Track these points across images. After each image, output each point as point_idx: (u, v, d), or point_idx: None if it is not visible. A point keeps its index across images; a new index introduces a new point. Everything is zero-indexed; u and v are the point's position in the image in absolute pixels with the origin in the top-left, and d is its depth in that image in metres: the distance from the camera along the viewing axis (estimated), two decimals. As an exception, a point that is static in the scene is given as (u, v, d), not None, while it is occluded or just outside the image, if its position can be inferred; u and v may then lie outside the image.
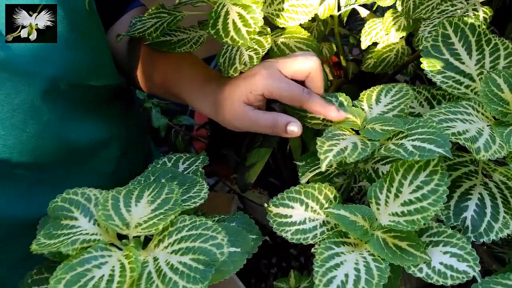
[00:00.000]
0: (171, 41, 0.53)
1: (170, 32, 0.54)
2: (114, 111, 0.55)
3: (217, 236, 0.35)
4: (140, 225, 0.37)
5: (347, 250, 0.37)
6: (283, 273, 0.97)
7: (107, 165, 0.53)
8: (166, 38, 0.54)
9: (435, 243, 0.37)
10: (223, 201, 0.69)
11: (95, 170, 0.52)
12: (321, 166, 0.39)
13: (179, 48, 0.53)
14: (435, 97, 0.54)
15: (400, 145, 0.39)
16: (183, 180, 0.43)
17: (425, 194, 0.36)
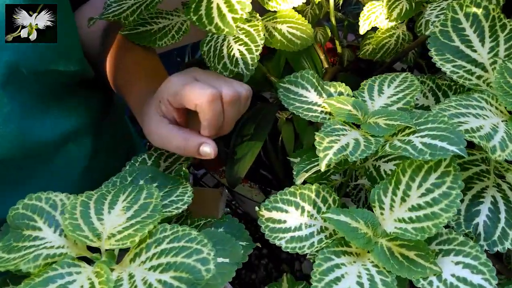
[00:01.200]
0: (151, 31, 0.48)
1: (151, 20, 0.49)
2: (85, 101, 0.49)
3: (203, 249, 0.31)
4: (114, 236, 0.33)
5: (348, 261, 0.33)
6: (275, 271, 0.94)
7: (79, 162, 0.48)
8: (146, 27, 0.48)
9: (446, 252, 0.33)
10: (211, 196, 0.64)
11: (65, 169, 0.47)
12: (321, 165, 0.34)
13: (159, 41, 0.48)
14: (440, 87, 0.50)
15: (407, 142, 0.35)
16: (164, 182, 0.39)
17: (436, 199, 0.32)
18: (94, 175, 0.41)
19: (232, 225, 0.41)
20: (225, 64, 0.44)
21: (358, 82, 0.46)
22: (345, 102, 0.40)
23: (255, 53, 0.44)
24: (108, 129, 0.53)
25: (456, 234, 0.34)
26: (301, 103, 0.42)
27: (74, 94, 0.47)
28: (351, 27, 0.83)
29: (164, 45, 0.49)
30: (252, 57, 0.44)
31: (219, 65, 0.45)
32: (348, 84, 0.45)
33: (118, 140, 0.57)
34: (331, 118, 0.41)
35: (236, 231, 0.41)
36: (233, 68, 0.44)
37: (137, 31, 0.48)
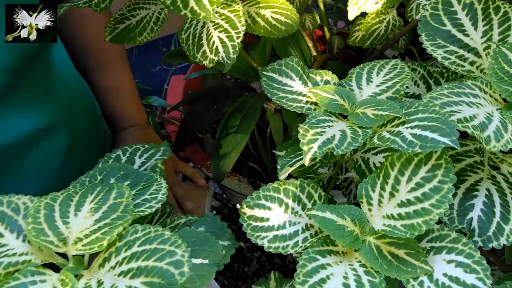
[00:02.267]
0: (130, 27, 0.46)
1: (128, 14, 0.46)
2: (55, 95, 0.46)
3: (176, 251, 0.29)
4: (80, 241, 0.30)
5: (334, 261, 0.31)
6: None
7: (54, 159, 0.45)
8: (125, 23, 0.46)
9: (437, 250, 0.31)
10: (197, 192, 0.62)
11: (39, 168, 0.44)
12: (305, 159, 0.32)
13: (139, 37, 0.46)
14: (431, 75, 0.48)
15: (396, 133, 0.33)
16: (137, 179, 0.36)
17: (426, 193, 0.30)
18: (72, 170, 0.39)
19: (214, 224, 0.39)
20: (204, 53, 0.42)
21: (348, 70, 0.43)
22: (332, 91, 0.38)
23: (236, 40, 0.41)
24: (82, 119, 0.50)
25: (448, 230, 0.32)
26: (285, 93, 0.40)
27: (44, 84, 0.44)
28: (341, 13, 0.80)
29: (144, 40, 0.47)
30: (233, 45, 0.41)
31: (198, 54, 0.42)
32: (338, 73, 0.43)
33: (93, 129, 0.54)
34: (316, 109, 0.39)
35: (218, 230, 0.38)
36: (213, 57, 0.41)
37: (117, 31, 0.46)
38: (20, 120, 0.41)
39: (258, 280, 1.00)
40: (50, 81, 0.47)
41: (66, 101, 0.47)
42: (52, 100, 0.44)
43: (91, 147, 0.52)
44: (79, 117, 0.50)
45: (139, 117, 0.58)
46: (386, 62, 0.42)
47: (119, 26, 0.46)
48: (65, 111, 0.47)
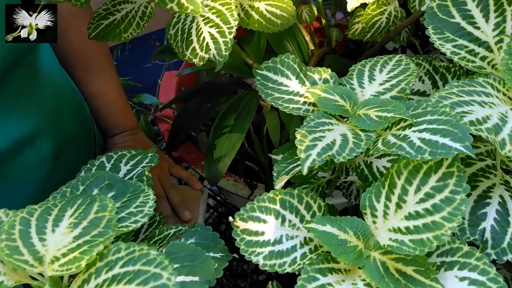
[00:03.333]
0: (114, 23, 0.42)
1: (113, 9, 0.43)
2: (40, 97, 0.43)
3: (162, 273, 0.26)
4: (58, 260, 0.27)
5: (336, 280, 0.28)
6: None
7: (40, 167, 0.42)
8: (109, 18, 0.43)
9: (449, 265, 0.29)
10: (190, 195, 0.59)
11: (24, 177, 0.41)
12: (302, 169, 0.29)
13: (124, 33, 0.43)
14: (437, 70, 0.45)
15: (403, 137, 0.30)
16: (122, 190, 0.33)
17: (437, 205, 0.28)
18: (61, 177, 0.36)
19: (206, 235, 0.36)
20: (194, 50, 0.39)
21: (347, 65, 0.40)
22: (331, 91, 0.35)
23: (228, 36, 0.38)
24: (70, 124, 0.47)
25: (460, 243, 0.29)
26: (281, 93, 0.37)
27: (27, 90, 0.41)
28: (339, 4, 0.77)
29: (130, 37, 0.43)
30: (225, 41, 0.38)
31: (187, 51, 0.39)
32: (336, 67, 0.40)
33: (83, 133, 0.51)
34: (315, 110, 0.36)
35: (210, 241, 0.36)
36: (204, 54, 0.38)
37: (101, 27, 0.43)
38: (9, 124, 0.38)
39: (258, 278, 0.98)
40: (36, 85, 0.43)
41: (53, 105, 0.44)
42: (38, 105, 0.41)
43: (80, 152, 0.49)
44: (67, 122, 0.47)
45: (128, 122, 0.55)
46: (389, 58, 0.39)
47: (103, 22, 0.43)
48: (51, 116, 0.44)
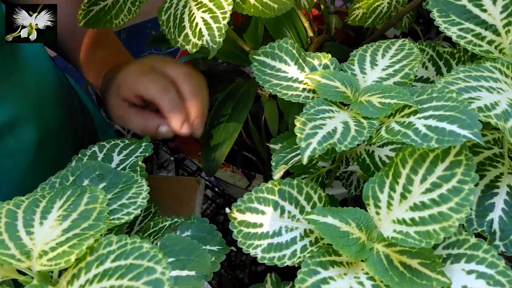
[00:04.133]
0: (105, 9, 0.41)
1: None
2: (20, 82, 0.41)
3: (155, 267, 0.25)
4: (46, 254, 0.26)
5: (337, 273, 0.27)
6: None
7: (21, 157, 0.41)
8: (100, 4, 0.41)
9: (455, 258, 0.27)
10: (187, 186, 0.58)
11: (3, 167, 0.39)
12: (302, 158, 0.28)
13: (116, 19, 0.41)
14: (441, 56, 0.44)
15: (408, 125, 0.29)
16: (115, 180, 0.32)
17: (444, 195, 0.26)
18: (44, 168, 0.35)
19: (202, 227, 0.35)
20: (186, 36, 0.37)
21: (347, 52, 0.39)
22: (332, 77, 0.34)
23: (222, 21, 0.36)
24: (57, 112, 0.46)
25: (467, 234, 0.28)
26: (279, 79, 0.35)
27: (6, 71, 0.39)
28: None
29: (121, 23, 0.42)
30: (219, 27, 0.36)
31: (179, 38, 0.37)
32: (336, 55, 0.38)
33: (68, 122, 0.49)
34: (315, 97, 0.34)
35: (207, 233, 0.35)
36: (197, 41, 0.36)
37: (92, 13, 0.41)
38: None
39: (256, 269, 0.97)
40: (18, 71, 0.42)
41: (36, 93, 0.42)
42: (19, 91, 0.40)
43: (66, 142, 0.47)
44: (51, 111, 0.45)
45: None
46: (392, 42, 0.37)
47: (93, 8, 0.41)
48: (34, 104, 0.42)
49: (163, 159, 1.17)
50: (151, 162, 1.16)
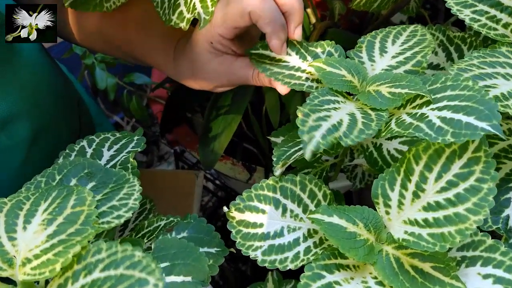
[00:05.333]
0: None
1: None
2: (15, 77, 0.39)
3: (148, 279, 0.23)
4: (29, 262, 0.24)
5: (344, 278, 0.25)
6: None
7: (13, 154, 0.39)
8: None
9: (471, 261, 0.25)
10: (186, 180, 0.56)
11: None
12: (305, 153, 0.26)
13: (106, 3, 0.38)
14: (452, 41, 0.41)
15: (420, 117, 0.26)
16: (104, 179, 0.30)
17: (461, 195, 0.24)
18: (38, 165, 0.32)
19: (199, 227, 0.33)
20: (181, 14, 0.35)
21: (351, 39, 0.36)
22: (337, 65, 0.31)
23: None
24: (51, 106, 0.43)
25: (482, 235, 0.26)
26: (281, 68, 0.33)
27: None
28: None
29: (113, 6, 0.39)
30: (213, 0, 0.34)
31: (173, 16, 0.35)
32: (340, 42, 0.36)
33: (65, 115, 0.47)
34: (319, 87, 0.32)
35: (204, 234, 0.33)
36: (189, 16, 0.34)
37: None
38: None
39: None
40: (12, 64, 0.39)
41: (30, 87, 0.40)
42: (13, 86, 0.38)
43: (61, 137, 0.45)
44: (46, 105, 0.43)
45: None
46: (403, 28, 0.35)
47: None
48: (28, 97, 0.40)
49: (164, 151, 1.15)
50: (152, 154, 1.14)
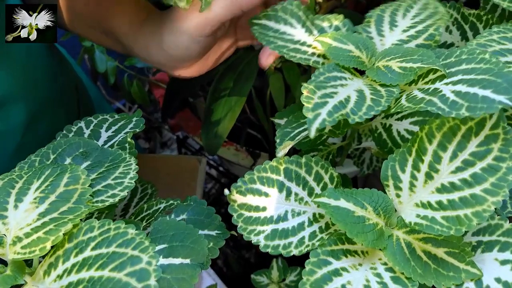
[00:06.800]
0: None
1: None
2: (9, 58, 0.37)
3: (141, 256, 0.22)
4: (20, 241, 0.23)
5: (351, 264, 0.23)
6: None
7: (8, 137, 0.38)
8: None
9: (487, 246, 0.24)
10: (188, 165, 0.55)
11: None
12: (310, 131, 0.24)
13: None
14: (467, 19, 0.39)
15: (433, 91, 0.25)
16: (100, 158, 0.29)
17: (477, 175, 0.22)
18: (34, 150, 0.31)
19: (199, 210, 0.31)
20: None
21: (359, 20, 0.35)
22: (344, 40, 0.29)
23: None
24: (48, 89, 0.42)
25: (499, 219, 0.24)
26: (285, 41, 0.31)
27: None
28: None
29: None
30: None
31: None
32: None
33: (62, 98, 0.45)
34: (325, 63, 0.30)
35: (204, 217, 0.31)
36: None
37: None
38: None
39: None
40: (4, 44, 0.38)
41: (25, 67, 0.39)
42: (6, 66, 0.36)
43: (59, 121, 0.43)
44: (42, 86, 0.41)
45: None
46: (414, 1, 0.33)
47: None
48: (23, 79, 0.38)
49: (166, 137, 1.14)
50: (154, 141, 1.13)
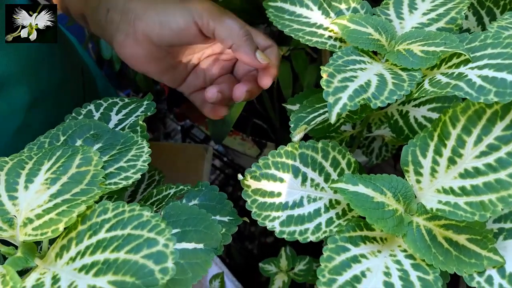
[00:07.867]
0: None
1: None
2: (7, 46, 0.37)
3: (157, 238, 0.21)
4: (31, 222, 0.23)
5: (370, 251, 0.23)
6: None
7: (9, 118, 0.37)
8: None
9: (509, 233, 0.23)
10: (194, 154, 0.54)
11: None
12: (330, 115, 0.23)
13: None
14: (483, 4, 0.38)
15: (458, 76, 0.24)
16: (111, 141, 0.28)
17: (503, 160, 0.22)
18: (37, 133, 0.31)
19: (211, 195, 0.31)
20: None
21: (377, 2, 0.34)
22: (363, 22, 0.28)
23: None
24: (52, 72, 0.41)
25: (522, 206, 0.24)
26: (301, 24, 0.30)
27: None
28: None
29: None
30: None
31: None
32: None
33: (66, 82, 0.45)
34: (342, 46, 0.29)
35: (216, 202, 0.31)
36: None
37: None
38: None
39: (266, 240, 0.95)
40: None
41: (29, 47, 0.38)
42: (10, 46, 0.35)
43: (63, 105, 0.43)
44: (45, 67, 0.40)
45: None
46: (434, -15, 0.32)
47: None
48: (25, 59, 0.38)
49: (170, 128, 1.13)
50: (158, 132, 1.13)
